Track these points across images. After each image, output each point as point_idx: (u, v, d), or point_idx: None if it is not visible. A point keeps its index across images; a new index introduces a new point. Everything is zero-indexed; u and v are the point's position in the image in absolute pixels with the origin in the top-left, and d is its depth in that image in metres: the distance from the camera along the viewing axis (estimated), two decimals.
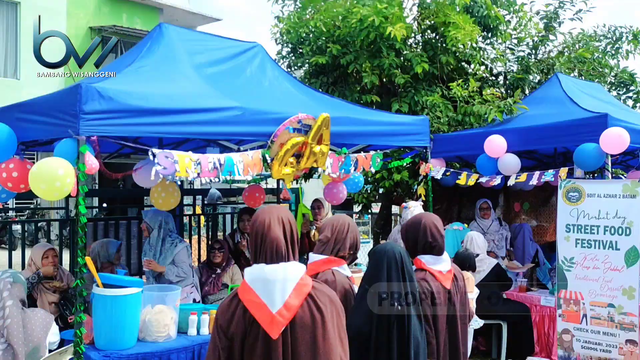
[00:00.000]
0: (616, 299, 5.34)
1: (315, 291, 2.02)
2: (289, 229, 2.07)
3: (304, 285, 1.99)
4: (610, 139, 5.50)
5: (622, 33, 9.57)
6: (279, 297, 1.95)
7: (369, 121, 5.31)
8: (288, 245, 2.04)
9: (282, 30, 7.85)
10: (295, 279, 1.99)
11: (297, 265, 2.03)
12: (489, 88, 7.40)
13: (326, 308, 1.99)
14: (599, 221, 5.45)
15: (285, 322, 1.94)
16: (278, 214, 2.09)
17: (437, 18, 7.42)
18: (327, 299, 2.02)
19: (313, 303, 1.98)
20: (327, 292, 2.06)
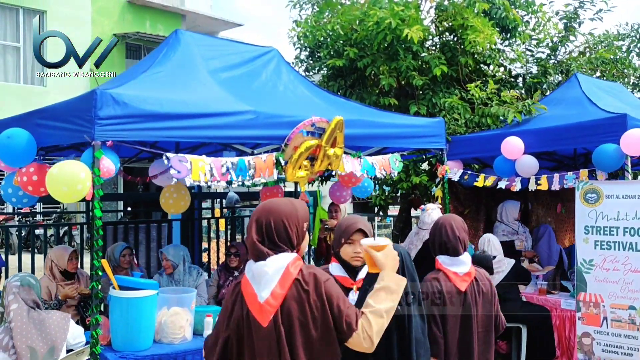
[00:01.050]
0: (637, 301, 5.25)
1: (302, 275, 2.15)
2: (265, 227, 2.18)
3: (289, 274, 2.12)
4: (630, 140, 5.41)
5: None
6: (266, 287, 2.11)
7: (383, 123, 5.32)
8: (265, 243, 2.17)
9: (299, 34, 7.91)
10: (280, 270, 2.12)
11: (284, 256, 2.16)
12: (507, 90, 7.34)
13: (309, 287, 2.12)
14: (618, 222, 5.37)
15: (272, 310, 2.10)
16: (259, 214, 2.23)
17: (454, 21, 7.40)
18: (312, 278, 2.14)
19: (300, 287, 2.13)
20: (314, 271, 2.17)
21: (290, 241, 2.20)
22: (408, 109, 7.32)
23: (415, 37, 6.69)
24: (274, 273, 2.12)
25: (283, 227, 2.18)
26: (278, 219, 2.19)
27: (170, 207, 5.61)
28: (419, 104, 7.38)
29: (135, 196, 9.95)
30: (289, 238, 2.20)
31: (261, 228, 2.19)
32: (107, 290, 4.13)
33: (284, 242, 2.18)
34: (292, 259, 2.17)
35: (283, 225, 2.18)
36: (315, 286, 2.13)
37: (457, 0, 7.58)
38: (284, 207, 2.23)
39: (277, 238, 2.17)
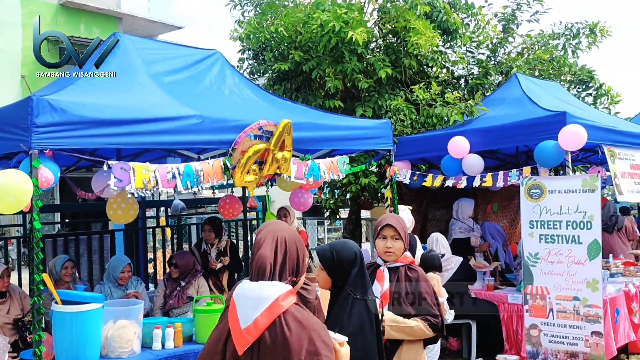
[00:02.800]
0: (581, 292, 5.43)
1: (287, 314, 1.98)
2: (283, 249, 2.06)
3: (277, 306, 1.97)
4: (568, 136, 5.61)
5: (578, 29, 9.77)
6: (251, 314, 1.97)
7: (331, 126, 5.31)
8: (276, 266, 2.04)
9: (242, 35, 7.81)
10: (270, 299, 1.97)
11: (279, 286, 2.01)
12: (450, 91, 7.47)
13: (291, 333, 1.95)
14: (561, 216, 5.55)
15: (251, 340, 1.95)
16: (277, 234, 2.09)
17: (397, 23, 7.48)
18: (297, 324, 1.96)
19: (280, 325, 1.96)
20: (299, 317, 1.99)
21: (297, 268, 2.10)
22: (354, 111, 7.34)
23: (360, 40, 6.72)
24: (262, 301, 1.98)
25: (296, 251, 2.10)
26: (292, 241, 2.11)
27: (119, 217, 5.39)
28: (365, 106, 7.41)
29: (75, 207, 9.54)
30: (297, 264, 2.10)
31: (276, 245, 2.07)
32: (49, 305, 3.92)
33: (291, 267, 2.08)
34: (285, 291, 2.01)
35: (296, 249, 2.10)
36: (298, 333, 1.96)
37: (399, 3, 7.66)
38: (295, 232, 2.18)
39: (288, 259, 2.07)
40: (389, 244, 3.14)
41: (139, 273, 7.44)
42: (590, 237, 5.40)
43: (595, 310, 5.37)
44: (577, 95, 9.59)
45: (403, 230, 3.17)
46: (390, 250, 3.14)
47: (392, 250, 3.14)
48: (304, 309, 2.03)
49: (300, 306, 2.03)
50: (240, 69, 8.21)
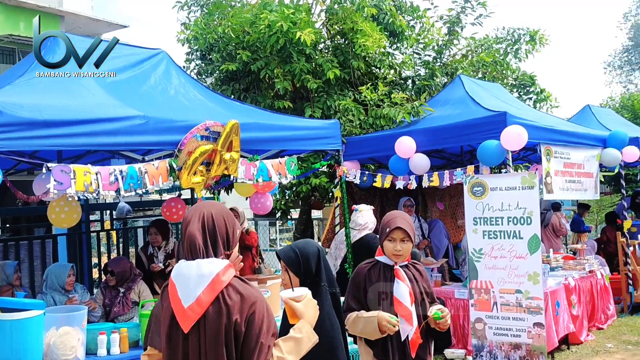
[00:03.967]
0: (523, 285, 5.64)
1: (229, 287, 2.02)
2: (210, 225, 2.06)
3: (219, 282, 2.00)
4: (509, 136, 5.80)
5: (520, 35, 10.12)
6: (192, 292, 1.99)
7: (280, 126, 5.31)
8: (207, 242, 2.05)
9: (189, 36, 7.71)
10: (211, 275, 2.00)
11: (216, 262, 2.03)
12: (398, 92, 7.61)
13: (233, 304, 1.99)
14: (502, 213, 5.74)
15: (195, 317, 1.99)
16: (204, 210, 2.10)
17: (345, 24, 7.55)
18: (238, 296, 2.01)
19: (222, 299, 2.00)
20: (240, 289, 2.03)
21: (228, 241, 2.10)
22: (303, 111, 7.38)
23: (308, 40, 6.76)
24: (203, 278, 2.00)
25: (224, 224, 2.09)
26: (219, 215, 2.10)
27: (62, 222, 5.23)
28: (314, 106, 7.46)
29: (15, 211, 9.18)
30: (228, 238, 2.10)
31: (203, 221, 2.07)
32: None
33: (222, 241, 2.08)
34: (223, 266, 2.04)
35: (224, 222, 2.09)
36: (241, 304, 2.01)
37: (347, 5, 7.74)
38: (223, 207, 2.18)
39: (218, 233, 2.07)
40: (399, 247, 3.06)
41: (83, 279, 7.23)
42: (530, 232, 5.61)
43: (536, 302, 5.58)
44: (519, 98, 9.93)
45: (412, 231, 3.11)
46: (400, 253, 3.07)
47: (402, 253, 3.07)
48: (243, 281, 2.08)
49: (239, 278, 2.07)
50: (188, 69, 8.11)
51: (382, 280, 3.09)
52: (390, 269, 3.11)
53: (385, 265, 3.14)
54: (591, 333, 7.00)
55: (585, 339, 6.74)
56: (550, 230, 8.88)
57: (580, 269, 7.31)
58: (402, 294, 3.02)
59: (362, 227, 5.81)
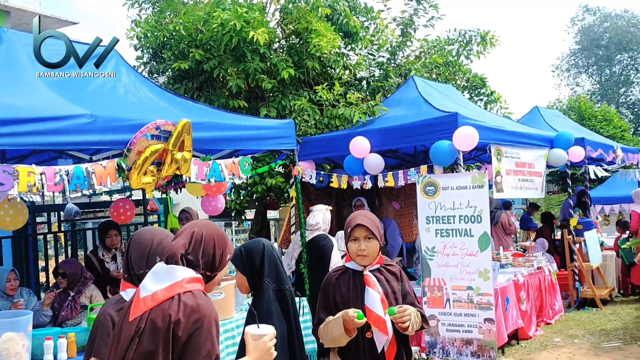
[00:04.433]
0: (474, 282, 5.77)
1: (186, 295, 1.94)
2: (197, 242, 2.05)
3: (179, 286, 1.95)
4: (461, 137, 5.93)
5: (471, 36, 10.35)
6: (152, 286, 1.97)
7: (233, 126, 5.25)
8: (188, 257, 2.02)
9: (139, 34, 7.55)
10: (176, 278, 1.97)
11: (190, 272, 2.00)
12: (353, 92, 7.65)
13: (179, 313, 1.90)
14: (454, 211, 5.86)
15: (143, 309, 1.95)
16: (195, 228, 2.09)
17: (299, 24, 7.55)
18: (189, 307, 1.92)
19: (174, 303, 1.93)
20: (195, 301, 1.94)
21: (212, 263, 2.07)
22: (258, 111, 7.33)
23: (261, 40, 6.72)
24: (168, 277, 1.97)
25: (212, 245, 2.07)
26: (210, 236, 2.08)
27: (7, 224, 5.04)
28: (269, 106, 7.42)
29: None
30: (213, 259, 2.07)
31: (191, 237, 2.06)
32: None
33: (206, 260, 2.05)
34: (192, 276, 1.99)
35: (213, 244, 2.07)
36: (188, 315, 1.91)
37: (301, 4, 7.74)
38: (218, 229, 2.14)
39: (201, 252, 2.04)
40: (362, 246, 2.74)
41: (29, 282, 6.98)
42: (481, 229, 5.75)
43: (487, 298, 5.72)
44: (471, 99, 10.16)
45: (376, 228, 2.79)
46: (364, 252, 2.74)
47: (367, 253, 2.74)
48: (205, 296, 2.00)
49: (203, 294, 1.99)
50: (138, 68, 7.94)
51: (352, 289, 2.80)
52: (360, 275, 2.79)
53: (354, 271, 2.82)
54: (540, 328, 7.21)
55: (534, 334, 6.93)
56: (499, 228, 9.12)
57: (529, 266, 7.53)
58: (373, 302, 2.72)
59: (313, 228, 5.82)
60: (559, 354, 6.18)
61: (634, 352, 6.10)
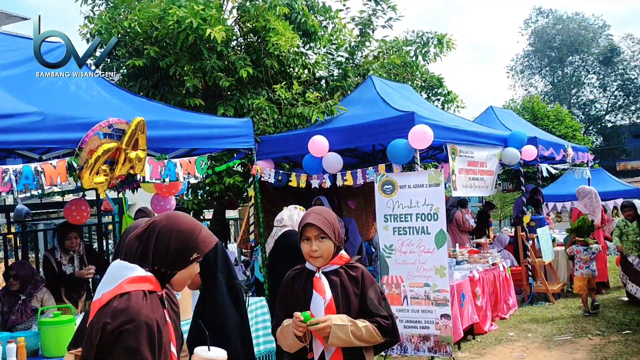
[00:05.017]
0: (430, 278, 5.85)
1: (122, 296, 1.85)
2: (150, 236, 1.92)
3: (119, 288, 1.87)
4: (417, 135, 6.01)
5: (428, 38, 10.51)
6: (102, 289, 1.90)
7: (190, 124, 5.18)
8: (138, 251, 1.91)
9: (92, 31, 7.36)
10: (119, 279, 1.88)
11: (134, 269, 1.89)
12: (312, 91, 7.66)
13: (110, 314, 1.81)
14: (411, 209, 5.93)
15: (91, 316, 1.89)
16: (156, 220, 1.97)
17: (257, 22, 7.50)
18: (118, 309, 1.81)
19: (105, 311, 1.84)
20: (125, 304, 1.82)
21: (164, 259, 1.90)
22: (215, 110, 7.25)
23: (219, 37, 6.65)
24: (114, 279, 1.88)
25: (167, 240, 1.90)
26: (168, 231, 1.92)
27: None
28: (227, 105, 7.35)
29: None
30: (166, 255, 1.90)
31: (145, 231, 1.92)
32: None
33: (157, 256, 1.90)
34: (138, 275, 1.87)
35: (168, 239, 1.91)
36: (116, 316, 1.79)
37: (259, 3, 7.70)
38: (185, 224, 1.95)
39: (152, 246, 1.90)
40: (314, 247, 2.55)
41: None
42: (437, 227, 5.84)
43: (443, 295, 5.81)
44: (428, 99, 10.32)
45: (330, 226, 2.58)
46: (316, 254, 2.55)
47: (319, 254, 2.55)
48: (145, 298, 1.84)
49: (145, 297, 1.84)
50: (92, 66, 7.74)
51: (302, 291, 2.64)
52: (313, 276, 2.64)
53: (309, 272, 2.67)
54: (494, 323, 7.38)
55: (489, 329, 7.09)
56: (454, 226, 9.29)
57: (484, 262, 7.70)
58: (316, 306, 2.55)
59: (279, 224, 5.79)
60: (513, 348, 6.33)
61: (585, 344, 6.31)
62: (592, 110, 36.67)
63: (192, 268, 1.96)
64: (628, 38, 36.24)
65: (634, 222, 8.11)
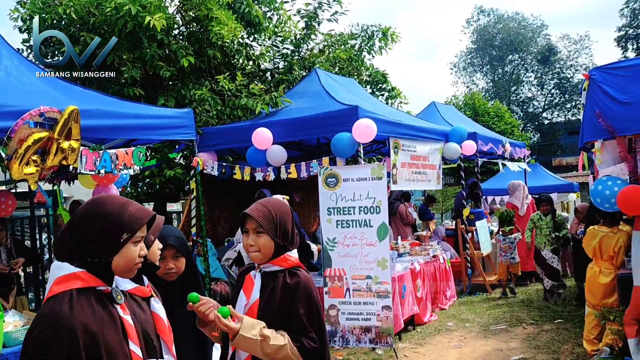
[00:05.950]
0: (372, 271, 5.91)
1: (43, 306, 1.73)
2: (74, 225, 1.76)
3: (50, 291, 1.72)
4: (360, 129, 6.04)
5: (373, 32, 10.59)
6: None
7: (127, 114, 5.02)
8: (63, 245, 1.76)
9: (24, 16, 7.01)
10: (50, 282, 1.74)
11: (62, 268, 1.74)
12: (257, 83, 7.57)
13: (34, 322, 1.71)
14: (354, 202, 5.97)
15: None
16: (80, 209, 1.81)
17: (199, 11, 7.34)
18: (37, 319, 1.70)
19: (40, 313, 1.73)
20: (45, 307, 1.71)
21: (86, 246, 1.74)
22: (156, 100, 7.05)
23: (159, 26, 6.46)
24: (49, 283, 1.74)
25: (87, 226, 1.74)
26: (88, 214, 1.76)
27: None
28: (168, 95, 7.17)
29: None
30: (86, 242, 1.74)
31: (69, 223, 1.76)
32: None
33: (80, 246, 1.74)
34: (64, 274, 1.72)
35: (89, 224, 1.74)
36: (34, 330, 1.66)
37: None
38: (107, 205, 1.77)
39: (74, 236, 1.74)
40: (250, 241, 2.32)
41: None
42: (379, 220, 5.90)
43: (385, 287, 5.88)
44: (372, 94, 10.41)
45: (270, 221, 2.31)
46: (252, 248, 2.32)
47: (255, 249, 2.31)
48: (70, 301, 1.69)
49: (72, 297, 1.69)
50: (25, 52, 7.38)
51: (238, 287, 2.46)
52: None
53: (248, 270, 2.48)
54: (434, 313, 7.55)
55: (429, 319, 7.25)
56: (398, 219, 9.44)
57: (425, 254, 7.85)
58: (239, 307, 2.36)
59: None
60: (451, 338, 6.49)
61: (519, 333, 6.54)
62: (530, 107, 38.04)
63: (129, 251, 1.78)
64: (565, 38, 37.83)
65: (548, 217, 8.18)
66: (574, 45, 36.71)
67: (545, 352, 5.72)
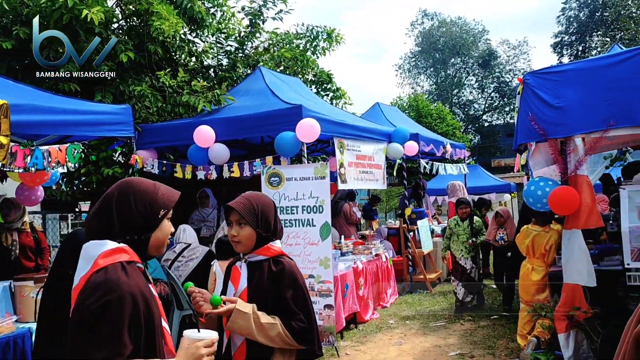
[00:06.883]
0: (315, 270, 5.93)
1: (93, 277, 1.74)
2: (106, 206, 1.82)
3: (95, 265, 1.76)
4: (303, 129, 6.03)
5: (318, 32, 10.62)
6: (79, 274, 1.79)
7: (61, 109, 4.82)
8: (101, 224, 1.81)
9: None
10: (92, 259, 1.78)
11: (105, 244, 1.78)
12: (199, 80, 7.44)
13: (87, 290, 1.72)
14: (297, 202, 5.96)
15: (74, 298, 1.77)
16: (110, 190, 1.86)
17: (140, 5, 7.14)
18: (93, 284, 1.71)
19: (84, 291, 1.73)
20: (98, 281, 1.71)
21: (129, 223, 1.81)
22: (93, 96, 6.81)
23: (96, 19, 6.25)
24: (87, 261, 1.77)
25: (126, 204, 1.81)
26: (125, 193, 1.83)
27: None
28: (105, 91, 6.93)
29: None
30: (128, 219, 1.81)
31: (101, 206, 1.82)
32: None
33: (122, 222, 1.80)
34: (109, 248, 1.77)
35: (128, 202, 1.81)
36: (92, 297, 1.68)
37: None
38: (142, 184, 1.87)
39: (115, 215, 1.80)
40: (234, 232, 2.45)
41: None
42: (322, 219, 5.92)
43: (327, 286, 5.90)
44: (317, 94, 10.43)
45: (252, 212, 2.43)
46: (235, 239, 2.45)
47: (238, 239, 2.44)
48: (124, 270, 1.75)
49: (123, 268, 1.75)
50: None
51: (226, 279, 2.59)
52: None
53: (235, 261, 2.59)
54: (376, 311, 7.64)
55: (370, 317, 7.33)
56: (342, 218, 9.51)
57: (368, 253, 7.94)
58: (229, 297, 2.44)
59: None
60: (392, 335, 6.59)
61: (457, 329, 6.71)
62: (471, 110, 39.14)
63: (165, 226, 1.91)
64: (504, 43, 39.17)
65: (466, 222, 7.55)
66: (513, 50, 38.04)
67: (481, 347, 5.89)
